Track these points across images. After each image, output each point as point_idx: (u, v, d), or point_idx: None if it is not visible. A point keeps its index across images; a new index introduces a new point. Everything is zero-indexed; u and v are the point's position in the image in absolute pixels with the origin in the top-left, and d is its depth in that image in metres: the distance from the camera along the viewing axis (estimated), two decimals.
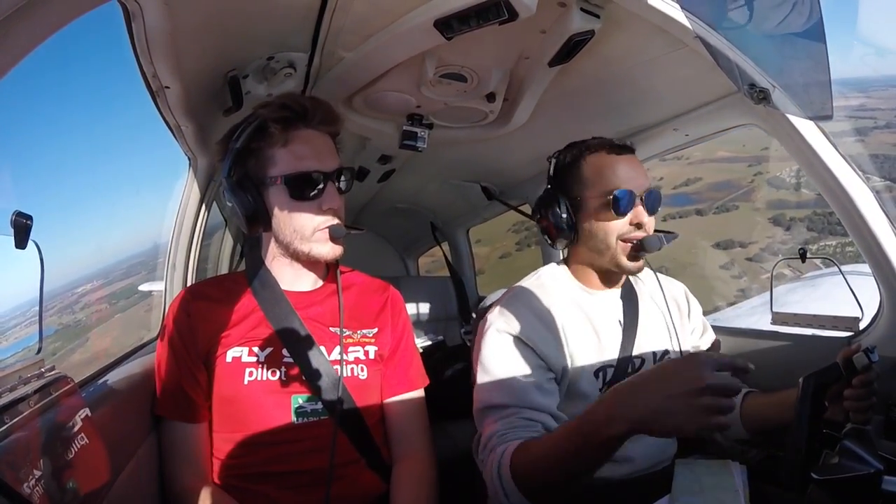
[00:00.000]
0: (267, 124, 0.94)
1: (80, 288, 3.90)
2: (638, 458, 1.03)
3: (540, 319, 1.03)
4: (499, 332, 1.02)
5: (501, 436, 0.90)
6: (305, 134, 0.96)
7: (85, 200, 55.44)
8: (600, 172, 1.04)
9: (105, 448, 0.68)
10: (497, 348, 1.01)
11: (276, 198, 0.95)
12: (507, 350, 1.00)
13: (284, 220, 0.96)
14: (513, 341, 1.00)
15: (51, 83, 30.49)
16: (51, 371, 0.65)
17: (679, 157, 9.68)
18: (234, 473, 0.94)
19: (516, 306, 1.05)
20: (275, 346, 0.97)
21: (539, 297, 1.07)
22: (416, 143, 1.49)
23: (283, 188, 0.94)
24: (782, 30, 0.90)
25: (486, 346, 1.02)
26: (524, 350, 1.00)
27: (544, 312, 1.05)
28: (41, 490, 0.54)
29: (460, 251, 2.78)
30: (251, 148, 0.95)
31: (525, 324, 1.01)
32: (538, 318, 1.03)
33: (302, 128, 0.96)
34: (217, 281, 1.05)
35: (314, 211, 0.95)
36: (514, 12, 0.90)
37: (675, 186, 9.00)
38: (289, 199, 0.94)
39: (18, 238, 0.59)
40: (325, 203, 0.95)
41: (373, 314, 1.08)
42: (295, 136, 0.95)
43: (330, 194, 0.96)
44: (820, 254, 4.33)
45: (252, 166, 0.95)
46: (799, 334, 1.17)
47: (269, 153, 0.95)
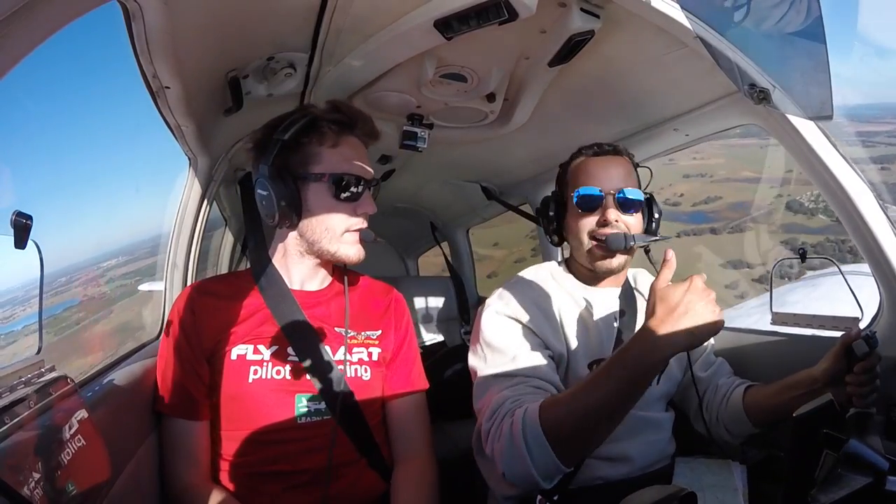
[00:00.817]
0: (321, 124, 0.97)
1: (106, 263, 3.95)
2: (637, 457, 1.03)
3: (538, 306, 1.06)
4: (498, 313, 1.04)
5: (515, 400, 0.90)
6: (353, 140, 1.01)
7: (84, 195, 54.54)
8: (576, 173, 1.11)
9: (105, 448, 0.68)
10: (499, 326, 1.02)
11: (315, 194, 0.97)
12: (509, 329, 1.02)
13: (319, 216, 0.98)
14: (513, 322, 1.03)
15: (51, 83, 30.31)
16: (51, 371, 0.65)
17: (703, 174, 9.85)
18: (236, 471, 0.94)
19: (515, 292, 1.08)
20: (280, 345, 0.97)
21: (538, 286, 1.10)
22: (416, 143, 1.50)
23: (327, 186, 0.96)
24: (782, 30, 0.90)
25: (488, 325, 1.03)
26: (525, 331, 1.02)
27: (542, 300, 1.08)
28: (41, 490, 0.54)
29: (460, 251, 2.78)
30: (299, 142, 0.97)
31: (524, 308, 1.04)
32: (536, 304, 1.06)
33: (350, 134, 1.01)
34: (223, 278, 1.06)
35: (350, 213, 0.99)
36: (514, 12, 0.90)
37: (694, 203, 9.03)
38: (329, 198, 0.97)
39: (18, 238, 0.59)
40: (362, 207, 1.00)
41: (376, 316, 1.09)
42: (345, 141, 0.99)
43: (367, 200, 1.00)
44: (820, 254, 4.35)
45: (293, 160, 0.97)
46: (799, 334, 1.16)
47: (316, 150, 0.97)
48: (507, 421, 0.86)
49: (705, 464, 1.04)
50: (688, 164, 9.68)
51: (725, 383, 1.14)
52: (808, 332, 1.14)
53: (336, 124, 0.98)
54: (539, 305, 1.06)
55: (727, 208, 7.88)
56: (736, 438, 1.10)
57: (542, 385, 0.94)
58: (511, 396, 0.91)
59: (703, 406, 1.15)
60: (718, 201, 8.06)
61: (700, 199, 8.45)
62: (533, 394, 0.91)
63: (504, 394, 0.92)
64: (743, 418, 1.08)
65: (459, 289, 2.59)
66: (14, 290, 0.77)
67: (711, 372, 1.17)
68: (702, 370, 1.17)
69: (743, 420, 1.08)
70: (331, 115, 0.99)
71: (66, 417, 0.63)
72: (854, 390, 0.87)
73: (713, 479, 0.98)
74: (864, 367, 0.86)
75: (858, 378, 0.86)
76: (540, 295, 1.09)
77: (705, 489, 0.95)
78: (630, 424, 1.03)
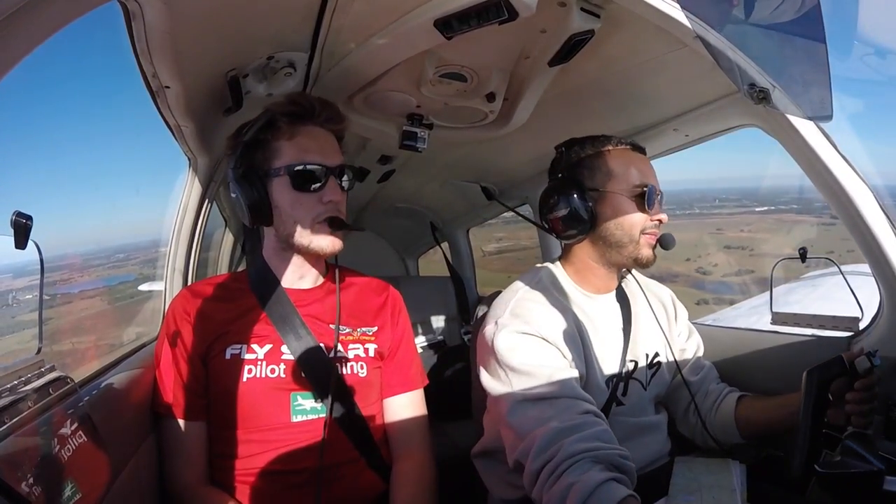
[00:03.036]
0: (276, 118, 0.97)
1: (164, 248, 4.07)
2: (635, 460, 1.02)
3: (555, 320, 1.00)
4: (519, 332, 0.96)
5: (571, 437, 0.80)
6: (311, 130, 0.99)
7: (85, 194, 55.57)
8: (628, 167, 1.05)
9: (105, 448, 0.68)
10: (525, 347, 0.95)
11: (279, 189, 0.96)
12: (535, 348, 0.95)
13: (286, 211, 0.97)
14: (539, 340, 0.96)
15: (51, 83, 30.19)
16: (51, 371, 0.65)
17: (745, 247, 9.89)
18: (233, 471, 0.94)
19: (529, 307, 1.01)
20: (274, 344, 0.97)
21: (549, 298, 1.04)
22: (416, 143, 1.49)
23: (286, 179, 0.95)
24: (782, 30, 0.90)
25: (510, 347, 0.95)
26: (551, 348, 0.96)
27: (557, 314, 1.01)
28: (41, 490, 0.54)
29: (460, 251, 2.78)
30: (259, 140, 0.97)
31: (544, 323, 0.98)
32: (553, 318, 1.00)
33: (309, 124, 0.99)
34: (218, 280, 1.06)
35: (315, 203, 0.96)
36: (514, 12, 0.90)
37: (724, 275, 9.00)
38: (291, 190, 0.96)
39: (18, 238, 0.59)
40: (326, 195, 0.97)
41: (372, 312, 1.08)
42: (301, 131, 0.98)
43: (331, 188, 0.97)
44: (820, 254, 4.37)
45: (258, 159, 0.97)
46: (799, 334, 1.16)
47: (276, 146, 0.97)
48: (564, 481, 0.79)
49: (704, 463, 1.04)
50: (734, 236, 9.71)
51: (715, 389, 1.15)
52: (809, 333, 1.15)
53: (290, 116, 0.97)
54: (556, 319, 1.00)
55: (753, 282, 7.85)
56: (721, 445, 1.11)
57: (587, 408, 0.87)
58: (561, 429, 0.83)
59: (690, 409, 1.15)
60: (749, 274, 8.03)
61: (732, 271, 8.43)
62: (582, 423, 0.84)
63: (553, 426, 0.84)
64: (732, 428, 1.08)
65: (459, 289, 2.59)
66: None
67: (702, 377, 1.17)
68: (691, 375, 1.16)
69: (732, 430, 1.08)
70: (285, 108, 0.98)
71: (65, 417, 0.63)
72: (853, 409, 0.85)
73: (711, 478, 0.98)
74: (865, 385, 0.84)
75: (859, 396, 0.84)
76: (554, 308, 1.02)
77: (703, 488, 0.95)
78: (627, 430, 1.03)
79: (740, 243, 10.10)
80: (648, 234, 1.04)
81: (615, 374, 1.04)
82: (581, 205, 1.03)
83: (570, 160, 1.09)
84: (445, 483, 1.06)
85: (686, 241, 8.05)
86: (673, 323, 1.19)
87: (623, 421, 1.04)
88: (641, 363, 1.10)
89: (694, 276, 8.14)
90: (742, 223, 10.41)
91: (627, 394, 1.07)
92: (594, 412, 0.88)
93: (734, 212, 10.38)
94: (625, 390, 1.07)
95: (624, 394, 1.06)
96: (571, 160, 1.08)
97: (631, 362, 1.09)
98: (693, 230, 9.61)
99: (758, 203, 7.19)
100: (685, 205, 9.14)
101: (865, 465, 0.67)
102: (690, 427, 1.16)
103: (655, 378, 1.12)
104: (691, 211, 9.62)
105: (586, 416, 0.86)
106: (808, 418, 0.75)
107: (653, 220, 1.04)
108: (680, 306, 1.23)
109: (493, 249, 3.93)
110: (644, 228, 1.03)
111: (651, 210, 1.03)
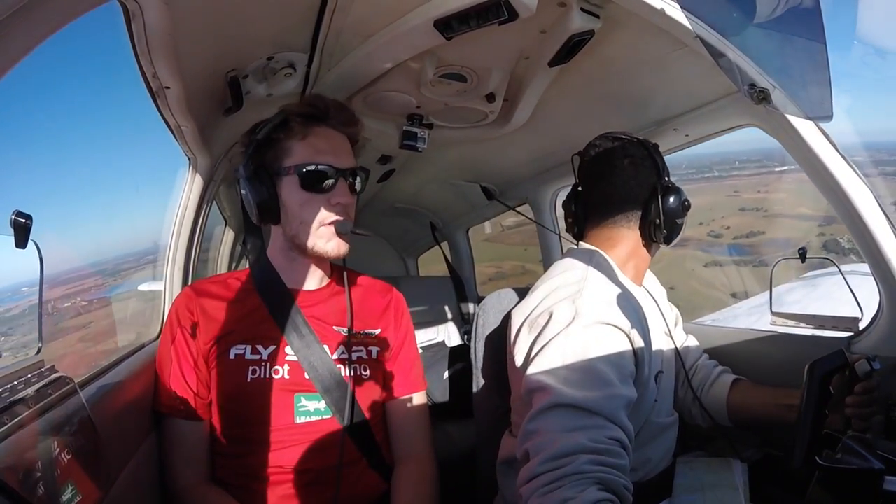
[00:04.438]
0: (289, 118, 0.96)
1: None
2: (655, 460, 1.00)
3: (631, 315, 0.90)
4: (600, 323, 0.85)
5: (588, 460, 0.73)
6: (324, 131, 0.99)
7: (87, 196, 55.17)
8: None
9: (105, 448, 0.68)
10: (596, 340, 0.85)
11: (288, 188, 0.96)
12: (616, 344, 0.85)
13: (294, 211, 0.96)
14: (620, 335, 0.87)
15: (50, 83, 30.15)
16: (51, 371, 0.65)
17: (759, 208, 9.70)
18: (235, 472, 0.94)
19: (609, 295, 0.91)
20: (278, 344, 0.97)
21: (619, 288, 0.94)
22: (416, 143, 1.50)
23: (296, 178, 0.95)
24: (782, 30, 0.90)
25: (582, 335, 0.85)
26: (627, 349, 0.87)
27: (631, 308, 0.92)
28: (41, 490, 0.54)
29: (460, 251, 2.78)
30: (271, 139, 0.97)
31: (623, 317, 0.88)
32: (629, 312, 0.89)
33: (322, 125, 0.98)
34: (221, 278, 1.06)
35: (323, 204, 0.96)
36: (514, 12, 0.90)
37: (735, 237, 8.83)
38: (300, 190, 0.95)
39: (18, 238, 0.59)
40: (335, 197, 0.96)
41: (376, 314, 1.09)
42: (314, 132, 0.97)
43: (341, 190, 0.97)
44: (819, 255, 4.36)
45: (269, 157, 0.97)
46: (798, 334, 1.16)
47: (287, 145, 0.97)
48: (560, 494, 0.72)
49: (706, 462, 1.04)
50: (750, 198, 9.61)
51: (704, 365, 1.15)
52: (808, 333, 1.15)
53: (303, 116, 0.97)
54: (631, 311, 0.90)
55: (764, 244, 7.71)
56: (711, 421, 1.11)
57: (618, 436, 0.79)
58: (584, 446, 0.76)
59: (680, 382, 1.14)
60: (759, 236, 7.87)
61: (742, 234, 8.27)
62: (606, 449, 0.76)
63: (577, 440, 0.76)
64: (723, 411, 1.08)
65: (459, 289, 2.59)
66: None
67: (685, 348, 1.18)
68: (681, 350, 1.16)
69: (722, 413, 1.08)
70: (300, 108, 0.98)
71: (66, 418, 0.63)
72: (854, 412, 0.85)
73: (714, 478, 0.98)
74: (866, 388, 0.84)
75: (859, 399, 0.84)
76: (626, 298, 0.92)
77: (705, 487, 0.95)
78: (652, 431, 1.00)
79: (755, 205, 9.96)
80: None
81: (661, 370, 1.00)
82: (653, 203, 1.00)
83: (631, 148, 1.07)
84: (446, 482, 1.06)
85: (702, 206, 7.99)
86: (671, 316, 1.19)
87: (653, 422, 0.99)
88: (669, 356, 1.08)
89: (706, 239, 8.17)
90: (760, 184, 10.26)
91: (660, 389, 1.00)
92: (622, 443, 0.80)
93: (754, 173, 10.27)
94: (658, 389, 1.00)
95: (658, 392, 1.01)
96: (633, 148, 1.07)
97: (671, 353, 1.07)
98: (710, 193, 9.51)
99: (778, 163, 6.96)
100: (704, 168, 9.00)
101: (866, 464, 0.68)
102: (679, 401, 1.14)
103: (672, 377, 1.11)
104: (710, 174, 9.51)
105: (613, 445, 0.79)
106: (809, 411, 0.76)
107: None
108: (671, 305, 1.24)
109: (511, 223, 3.98)
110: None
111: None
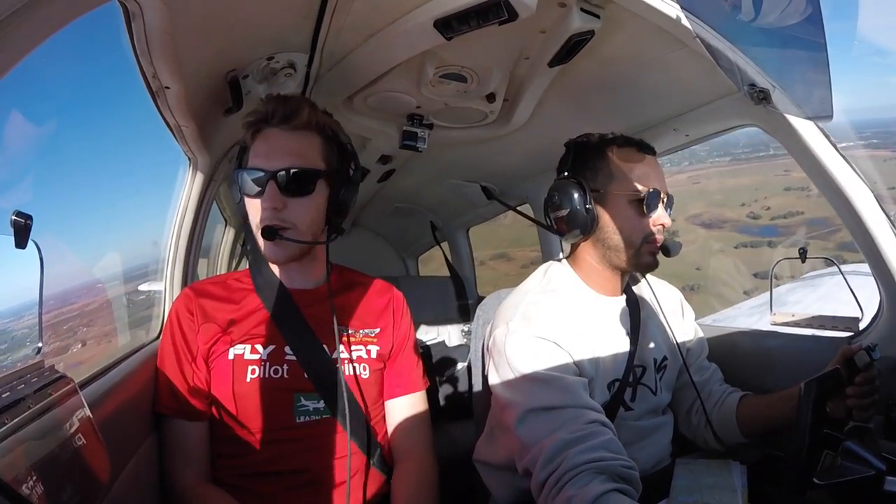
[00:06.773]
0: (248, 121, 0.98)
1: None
2: (642, 461, 1.00)
3: (567, 324, 0.98)
4: (530, 337, 0.95)
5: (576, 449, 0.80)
6: (267, 132, 0.96)
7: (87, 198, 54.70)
8: (631, 169, 1.01)
9: (105, 448, 0.68)
10: (532, 352, 0.94)
11: (242, 191, 0.97)
12: (542, 353, 0.94)
13: (248, 215, 0.97)
14: (547, 345, 0.94)
15: (50, 83, 30.18)
16: (51, 371, 0.65)
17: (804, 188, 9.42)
18: (235, 472, 0.94)
19: (539, 311, 0.99)
20: (277, 344, 0.97)
21: (558, 304, 1.02)
22: (416, 143, 1.50)
23: (237, 182, 0.96)
24: (782, 30, 0.90)
25: (521, 353, 0.94)
26: (560, 354, 0.94)
27: (569, 317, 1.00)
28: (41, 490, 0.54)
29: (460, 251, 2.78)
30: (245, 142, 0.99)
31: (555, 329, 0.96)
32: (565, 322, 0.98)
33: (264, 127, 0.96)
34: (221, 279, 1.06)
35: (257, 209, 0.94)
36: (514, 12, 0.90)
37: (773, 218, 8.65)
38: (243, 194, 0.96)
39: (18, 238, 0.59)
40: (265, 201, 0.93)
41: (375, 314, 1.08)
42: (259, 134, 0.97)
43: (269, 193, 0.92)
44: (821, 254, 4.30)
45: (240, 160, 0.99)
46: (799, 334, 1.16)
47: (248, 149, 0.98)
48: (565, 494, 0.78)
49: (705, 464, 1.04)
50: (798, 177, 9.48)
51: (718, 390, 1.14)
52: (809, 333, 1.15)
53: (252, 120, 0.97)
54: (567, 322, 0.98)
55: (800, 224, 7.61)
56: (722, 445, 1.10)
57: (594, 417, 0.86)
58: (568, 440, 0.82)
59: (694, 409, 1.15)
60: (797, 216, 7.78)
61: (781, 214, 8.17)
62: (589, 433, 0.83)
63: (560, 436, 0.83)
64: (733, 427, 1.08)
65: (459, 289, 2.59)
66: None
67: (707, 377, 1.17)
68: (697, 375, 1.15)
69: (733, 429, 1.08)
70: (254, 111, 0.97)
71: (68, 416, 0.63)
72: (854, 402, 0.85)
73: (712, 479, 0.98)
74: (866, 378, 0.85)
75: (859, 390, 0.85)
76: (565, 310, 1.00)
77: (704, 489, 0.95)
78: (636, 432, 1.03)
79: (801, 184, 9.76)
80: (650, 242, 1.01)
81: (618, 378, 1.03)
82: (580, 205, 1.01)
83: (576, 159, 1.06)
84: (447, 483, 1.06)
85: (748, 185, 7.85)
86: (681, 324, 1.18)
87: (631, 425, 1.03)
88: (650, 369, 1.09)
89: (743, 220, 8.14)
90: None
91: (636, 399, 1.06)
92: (601, 421, 0.86)
93: None
94: (633, 395, 1.05)
95: (633, 399, 1.05)
96: (577, 159, 1.06)
97: (639, 368, 1.07)
98: (760, 173, 9.33)
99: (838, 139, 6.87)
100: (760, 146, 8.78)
101: (865, 469, 0.67)
102: (692, 427, 1.15)
103: (663, 381, 1.11)
104: (765, 153, 9.30)
105: (593, 426, 0.84)
106: (804, 432, 0.75)
107: (655, 226, 1.00)
108: (687, 307, 1.22)
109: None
110: (646, 235, 1.00)
111: (651, 215, 1.00)
